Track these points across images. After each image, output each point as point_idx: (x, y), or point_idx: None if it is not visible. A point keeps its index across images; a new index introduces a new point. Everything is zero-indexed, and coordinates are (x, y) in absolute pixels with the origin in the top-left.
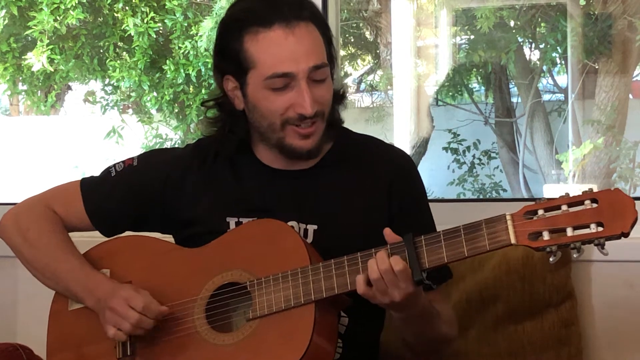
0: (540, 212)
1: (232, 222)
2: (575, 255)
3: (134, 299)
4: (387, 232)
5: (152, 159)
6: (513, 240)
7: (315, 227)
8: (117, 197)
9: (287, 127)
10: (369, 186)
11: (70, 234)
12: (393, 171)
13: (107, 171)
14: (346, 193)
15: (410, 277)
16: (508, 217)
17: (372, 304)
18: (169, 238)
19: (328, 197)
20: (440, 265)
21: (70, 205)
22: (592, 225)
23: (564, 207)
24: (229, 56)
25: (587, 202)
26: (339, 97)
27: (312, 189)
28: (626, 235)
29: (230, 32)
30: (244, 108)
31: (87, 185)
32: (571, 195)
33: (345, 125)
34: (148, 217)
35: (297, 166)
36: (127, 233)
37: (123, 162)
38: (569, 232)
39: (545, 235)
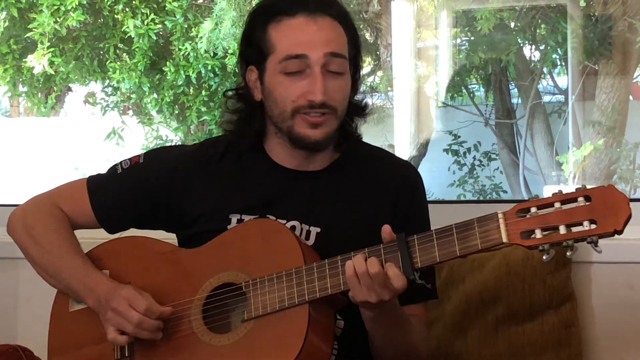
0: (533, 209)
1: (234, 218)
2: (568, 254)
3: (136, 300)
4: (387, 230)
5: (159, 156)
6: (505, 239)
7: (318, 229)
8: (123, 195)
9: (296, 116)
10: (376, 195)
11: None
12: (401, 184)
13: (113, 168)
14: (353, 200)
15: (402, 278)
16: (500, 216)
17: None
18: (173, 237)
19: (335, 201)
20: (433, 264)
21: (76, 202)
22: (585, 223)
23: (557, 205)
24: (253, 44)
25: (580, 199)
26: (359, 109)
27: (320, 192)
28: (619, 232)
29: (257, 21)
30: (261, 99)
31: (94, 182)
32: (564, 192)
33: None
34: (153, 215)
35: (308, 167)
36: (127, 233)
37: (130, 159)
38: (562, 229)
39: (538, 234)
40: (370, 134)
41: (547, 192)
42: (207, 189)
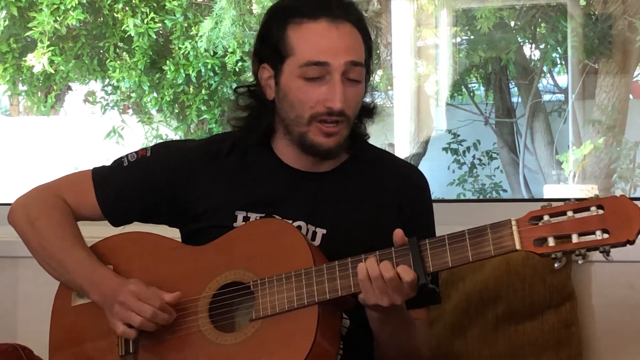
0: (546, 217)
1: (240, 215)
2: (580, 262)
3: (146, 295)
4: (399, 234)
5: (166, 150)
6: (518, 246)
7: (324, 231)
8: (128, 188)
9: (313, 123)
10: (381, 198)
11: None
12: (407, 187)
13: (119, 161)
14: (359, 202)
15: (415, 283)
16: (513, 223)
17: None
18: (176, 232)
19: (341, 203)
20: (444, 269)
21: (81, 194)
22: (598, 232)
23: (570, 213)
24: (270, 42)
25: (593, 208)
26: (369, 111)
27: (326, 193)
28: (632, 242)
29: (276, 19)
30: (274, 98)
31: (99, 174)
32: (577, 200)
33: None
34: (158, 209)
35: (315, 168)
36: (131, 228)
37: (136, 152)
38: (574, 238)
39: (551, 242)
40: (370, 132)
41: (547, 190)
42: (210, 185)
